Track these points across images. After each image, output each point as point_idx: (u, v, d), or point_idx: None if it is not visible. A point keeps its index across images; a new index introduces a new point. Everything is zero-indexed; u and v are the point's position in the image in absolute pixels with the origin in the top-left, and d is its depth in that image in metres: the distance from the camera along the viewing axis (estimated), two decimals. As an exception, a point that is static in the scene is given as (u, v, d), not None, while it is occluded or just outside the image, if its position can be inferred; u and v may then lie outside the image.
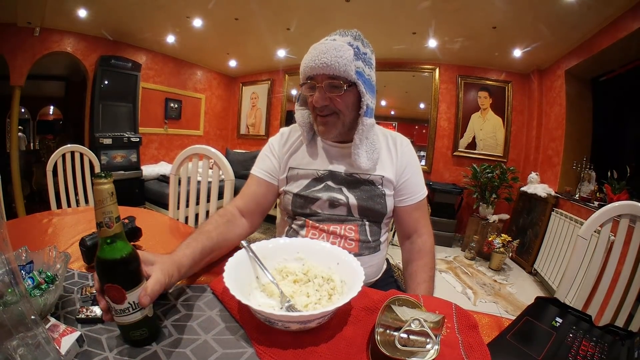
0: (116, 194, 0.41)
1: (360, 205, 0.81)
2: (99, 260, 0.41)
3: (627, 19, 2.04)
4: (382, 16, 2.67)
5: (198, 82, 4.65)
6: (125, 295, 0.41)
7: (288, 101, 4.53)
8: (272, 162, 0.89)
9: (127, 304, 0.42)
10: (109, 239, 0.41)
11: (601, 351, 0.49)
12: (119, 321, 0.43)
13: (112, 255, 0.41)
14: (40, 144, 4.27)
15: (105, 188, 0.39)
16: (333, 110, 0.77)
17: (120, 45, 3.58)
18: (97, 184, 0.39)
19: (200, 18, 3.01)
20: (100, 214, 0.39)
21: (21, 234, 0.82)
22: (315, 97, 0.76)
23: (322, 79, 0.74)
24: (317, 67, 0.72)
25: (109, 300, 0.42)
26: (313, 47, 0.76)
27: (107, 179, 0.39)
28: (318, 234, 0.82)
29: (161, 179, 3.78)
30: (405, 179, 0.86)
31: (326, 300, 0.55)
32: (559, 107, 2.87)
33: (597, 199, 2.31)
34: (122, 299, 0.41)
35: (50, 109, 4.41)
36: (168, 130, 4.30)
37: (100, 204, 0.39)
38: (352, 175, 0.83)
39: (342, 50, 0.72)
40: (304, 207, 0.84)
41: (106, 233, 0.40)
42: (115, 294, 0.41)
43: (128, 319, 0.42)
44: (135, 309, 0.42)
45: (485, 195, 3.13)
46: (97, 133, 3.31)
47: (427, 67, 3.63)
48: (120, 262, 0.41)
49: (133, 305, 0.42)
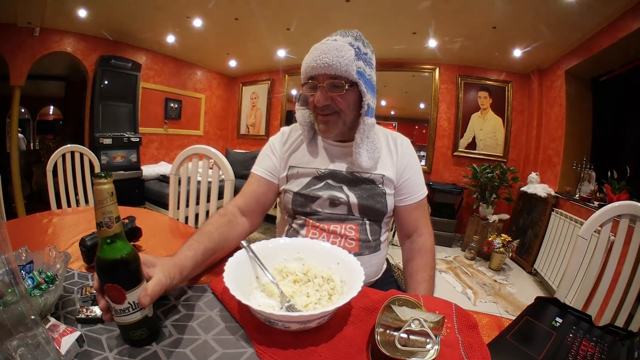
0: (116, 194, 0.41)
1: (360, 204, 0.81)
2: (98, 260, 0.41)
3: (627, 19, 2.04)
4: (382, 16, 2.67)
5: (198, 82, 4.65)
6: (125, 295, 0.41)
7: (288, 101, 4.53)
8: (273, 161, 0.89)
9: (127, 304, 0.42)
10: (108, 239, 0.41)
11: (601, 351, 0.49)
12: (118, 321, 0.43)
13: (112, 255, 0.41)
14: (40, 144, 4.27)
15: (105, 188, 0.39)
16: (334, 110, 0.78)
17: (120, 45, 3.58)
18: (97, 183, 0.39)
19: (200, 18, 3.01)
20: (100, 214, 0.39)
21: (21, 234, 0.82)
22: (316, 97, 0.76)
23: (324, 79, 0.75)
24: (319, 67, 0.73)
25: (109, 300, 0.42)
26: (314, 48, 0.76)
27: (107, 178, 0.39)
28: (318, 233, 0.82)
29: (161, 179, 3.78)
30: (405, 179, 0.86)
31: (326, 300, 0.55)
32: (559, 107, 2.87)
33: (597, 199, 2.31)
34: (122, 299, 0.41)
35: (50, 109, 4.41)
36: (168, 130, 4.30)
37: (100, 204, 0.39)
38: (353, 174, 0.84)
39: (344, 50, 0.72)
40: (304, 205, 0.84)
41: (106, 233, 0.40)
42: (115, 294, 0.41)
43: (128, 319, 0.42)
44: (135, 309, 0.42)
45: (485, 195, 3.13)
46: (97, 133, 3.31)
47: (427, 67, 3.63)
48: (120, 262, 0.41)
49: (133, 305, 0.42)
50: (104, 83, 3.36)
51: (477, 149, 3.55)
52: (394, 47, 3.25)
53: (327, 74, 0.73)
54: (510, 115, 3.41)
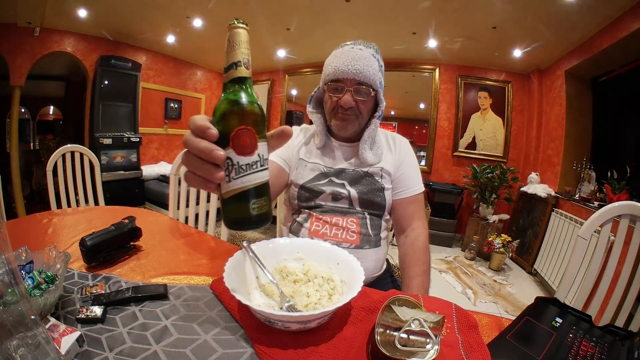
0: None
1: (361, 198, 0.86)
2: (231, 101, 0.37)
3: (627, 19, 2.04)
4: (382, 16, 2.67)
5: (198, 82, 4.65)
6: (257, 142, 0.37)
7: (288, 101, 4.53)
8: (287, 150, 0.94)
9: (257, 156, 0.37)
10: (245, 80, 0.38)
11: (601, 351, 0.49)
12: (239, 185, 0.37)
13: (248, 96, 0.38)
14: (40, 144, 4.26)
15: (244, 32, 0.38)
16: (354, 112, 0.85)
17: (120, 45, 3.58)
18: (236, 27, 0.37)
19: (200, 18, 3.01)
20: (238, 53, 0.37)
21: (21, 234, 0.82)
22: (345, 99, 0.83)
23: (352, 84, 0.82)
24: (350, 72, 0.80)
25: (232, 158, 0.36)
26: (342, 52, 0.83)
27: (246, 24, 0.38)
28: (322, 225, 0.85)
29: (161, 179, 3.78)
30: (401, 172, 0.92)
31: (326, 300, 0.55)
32: (559, 107, 2.87)
33: (597, 199, 2.31)
34: (253, 147, 0.36)
35: (50, 109, 4.40)
36: (168, 130, 4.30)
37: (238, 45, 0.37)
38: (355, 170, 0.89)
39: (371, 60, 0.82)
40: (309, 200, 0.88)
41: (244, 72, 0.38)
42: (246, 140, 0.36)
43: (254, 179, 0.37)
44: (263, 165, 0.38)
45: (485, 195, 3.13)
46: (97, 133, 3.31)
47: (427, 67, 3.63)
48: (255, 104, 0.38)
49: (261, 159, 0.37)
50: (104, 83, 3.36)
51: (477, 149, 3.55)
52: (394, 47, 3.25)
53: (356, 79, 0.80)
54: (510, 115, 3.41)
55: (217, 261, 0.74)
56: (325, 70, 0.86)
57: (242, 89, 0.38)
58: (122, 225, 0.74)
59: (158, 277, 0.64)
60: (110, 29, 3.28)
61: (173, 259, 0.74)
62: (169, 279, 0.64)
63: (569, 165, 2.72)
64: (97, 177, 1.77)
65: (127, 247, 0.74)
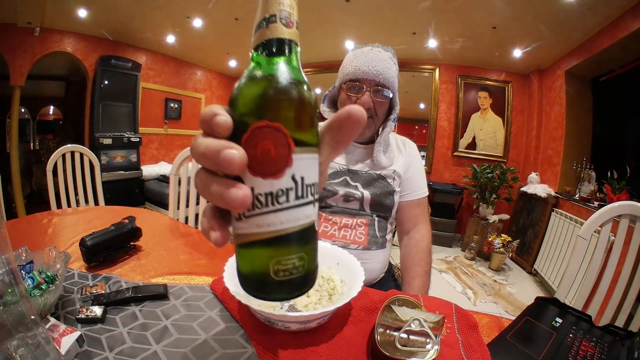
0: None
1: (372, 200, 0.87)
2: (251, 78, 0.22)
3: (627, 19, 2.04)
4: (382, 16, 2.67)
5: (198, 82, 4.65)
6: (290, 154, 0.20)
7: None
8: None
9: (290, 179, 0.21)
10: (282, 45, 0.22)
11: (601, 351, 0.49)
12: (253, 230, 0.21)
13: (282, 72, 0.22)
14: (40, 144, 4.26)
15: None
16: (371, 114, 0.85)
17: (120, 45, 3.57)
18: None
19: (200, 18, 3.01)
20: (273, 2, 0.22)
21: (21, 234, 0.82)
22: (364, 99, 0.83)
23: (371, 84, 0.82)
24: (370, 73, 0.80)
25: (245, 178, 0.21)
26: (362, 53, 0.83)
27: None
28: (330, 226, 0.86)
29: (161, 179, 3.78)
30: (409, 175, 0.92)
31: (326, 300, 0.55)
32: (559, 107, 2.87)
33: (597, 199, 2.31)
34: (281, 161, 0.20)
35: (50, 109, 4.40)
36: (168, 130, 4.30)
37: None
38: (368, 172, 0.90)
39: (390, 63, 0.83)
40: (320, 200, 0.88)
41: (279, 32, 0.22)
42: (269, 147, 0.20)
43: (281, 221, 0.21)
44: (302, 195, 0.21)
45: (485, 195, 3.13)
46: (97, 133, 3.31)
47: (427, 67, 3.62)
48: (296, 84, 0.22)
49: (300, 185, 0.21)
50: (104, 83, 3.36)
51: (477, 149, 3.55)
52: (394, 47, 3.19)
53: (376, 80, 0.81)
54: (510, 115, 3.41)
55: (217, 261, 0.74)
56: (343, 69, 0.86)
57: (275, 58, 0.22)
58: (122, 225, 0.74)
59: (158, 277, 0.64)
60: (110, 29, 3.28)
61: (173, 259, 0.74)
62: (169, 279, 0.64)
63: (569, 165, 2.72)
64: (97, 177, 1.77)
65: (127, 247, 0.74)
